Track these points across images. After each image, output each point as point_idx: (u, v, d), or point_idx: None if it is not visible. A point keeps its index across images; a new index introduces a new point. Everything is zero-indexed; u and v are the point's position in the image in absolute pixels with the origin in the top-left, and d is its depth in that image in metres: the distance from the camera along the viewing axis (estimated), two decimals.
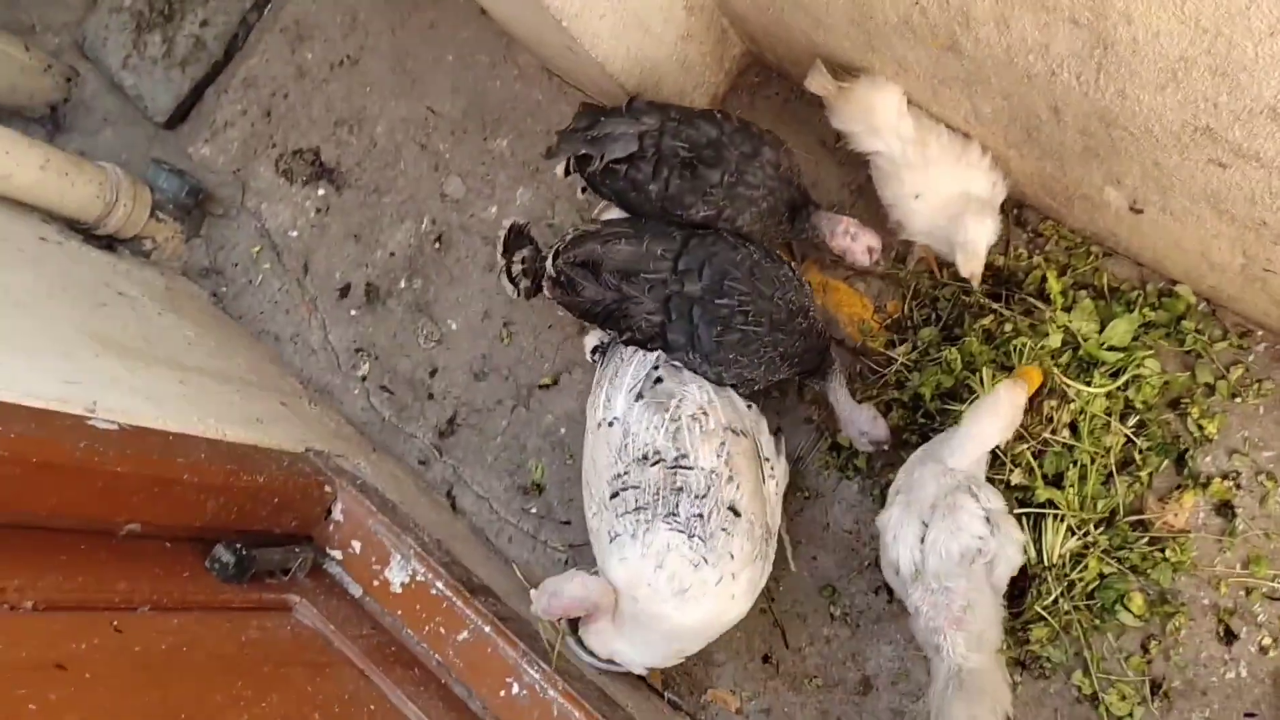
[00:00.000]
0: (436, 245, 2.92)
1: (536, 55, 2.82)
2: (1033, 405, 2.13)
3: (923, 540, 1.95)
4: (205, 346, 2.69)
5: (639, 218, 2.27)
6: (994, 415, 1.96)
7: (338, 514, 2.38)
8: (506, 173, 2.90)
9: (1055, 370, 2.11)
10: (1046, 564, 2.12)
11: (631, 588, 2.02)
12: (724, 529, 1.98)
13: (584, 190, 2.39)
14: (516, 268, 2.31)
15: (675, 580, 1.97)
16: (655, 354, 2.18)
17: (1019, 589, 2.16)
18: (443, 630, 2.24)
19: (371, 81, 3.14)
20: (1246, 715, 2.08)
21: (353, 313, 2.98)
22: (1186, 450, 2.17)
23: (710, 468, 2.01)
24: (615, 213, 2.39)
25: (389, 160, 3.05)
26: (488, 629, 2.17)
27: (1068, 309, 2.18)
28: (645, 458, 2.04)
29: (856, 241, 2.20)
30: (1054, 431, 2.15)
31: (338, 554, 2.35)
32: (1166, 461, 2.17)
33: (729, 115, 2.22)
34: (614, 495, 2.06)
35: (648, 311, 2.12)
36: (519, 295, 2.34)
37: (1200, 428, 2.16)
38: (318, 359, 2.97)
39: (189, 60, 3.31)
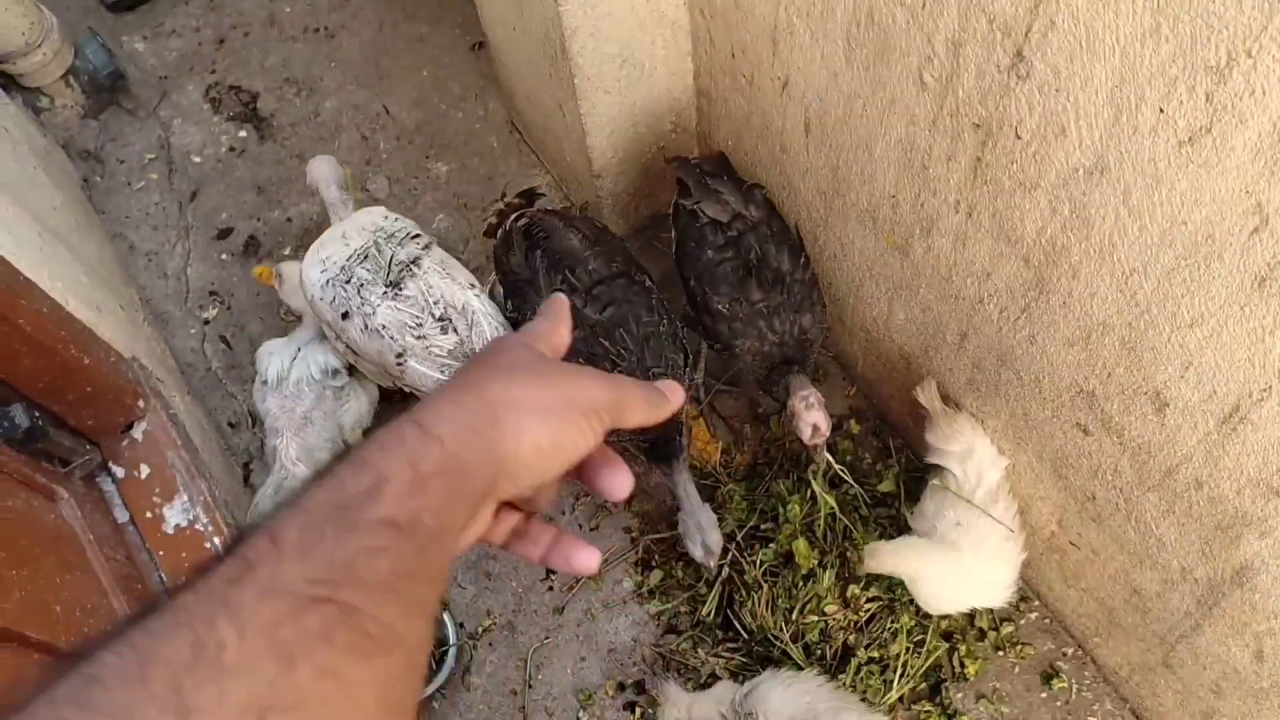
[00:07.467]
0: None
1: (513, 106, 2.91)
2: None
3: (294, 358, 2.35)
4: (67, 219, 2.51)
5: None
6: None
7: (138, 432, 2.23)
8: (435, 195, 2.92)
9: None
10: None
11: None
12: None
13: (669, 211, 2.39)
14: (499, 205, 2.32)
15: None
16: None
17: None
18: None
19: (339, 60, 3.14)
20: None
21: (223, 257, 2.86)
22: (945, 680, 2.34)
23: None
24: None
25: (325, 135, 3.02)
26: None
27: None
28: None
29: (810, 411, 2.11)
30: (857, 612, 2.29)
31: (120, 472, 2.19)
32: (924, 684, 2.33)
33: (809, 264, 2.22)
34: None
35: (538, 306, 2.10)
36: (485, 232, 2.41)
37: (963, 665, 2.34)
38: (166, 284, 2.82)
39: None
